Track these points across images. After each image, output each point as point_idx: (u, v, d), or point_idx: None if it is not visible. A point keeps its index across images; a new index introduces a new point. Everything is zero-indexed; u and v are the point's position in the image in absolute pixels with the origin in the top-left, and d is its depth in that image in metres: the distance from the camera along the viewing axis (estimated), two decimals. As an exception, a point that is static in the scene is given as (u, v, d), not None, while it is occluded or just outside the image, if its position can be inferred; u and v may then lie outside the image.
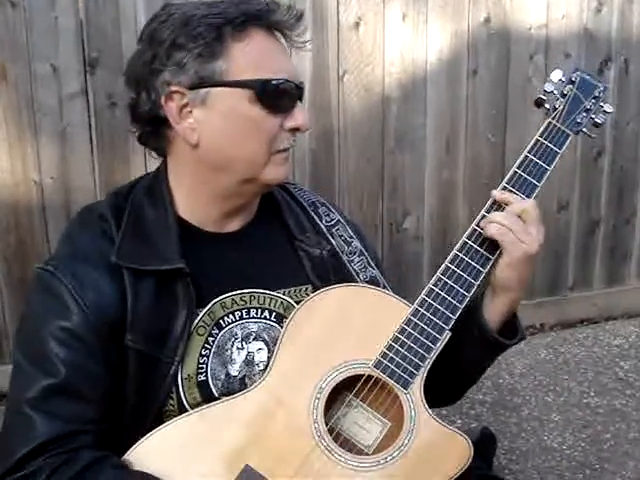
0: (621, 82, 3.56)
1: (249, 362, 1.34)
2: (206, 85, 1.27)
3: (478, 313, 1.39)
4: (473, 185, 3.42)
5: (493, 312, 1.39)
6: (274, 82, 1.27)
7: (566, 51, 3.43)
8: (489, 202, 1.38)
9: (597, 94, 1.47)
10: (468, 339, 1.38)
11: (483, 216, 1.36)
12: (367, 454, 1.29)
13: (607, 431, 2.76)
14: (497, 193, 1.37)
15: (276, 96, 1.28)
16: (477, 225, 1.36)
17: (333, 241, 1.45)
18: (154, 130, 1.34)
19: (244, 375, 1.34)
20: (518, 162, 1.39)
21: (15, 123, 2.77)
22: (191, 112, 1.28)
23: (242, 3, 1.28)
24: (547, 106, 1.45)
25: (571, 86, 1.46)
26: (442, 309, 1.32)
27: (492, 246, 1.35)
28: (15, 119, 2.77)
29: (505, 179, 1.39)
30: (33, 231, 2.87)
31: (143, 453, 1.23)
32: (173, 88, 1.27)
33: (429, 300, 1.33)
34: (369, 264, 1.47)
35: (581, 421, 2.82)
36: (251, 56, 1.27)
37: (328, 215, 1.49)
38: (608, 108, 1.48)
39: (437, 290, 1.33)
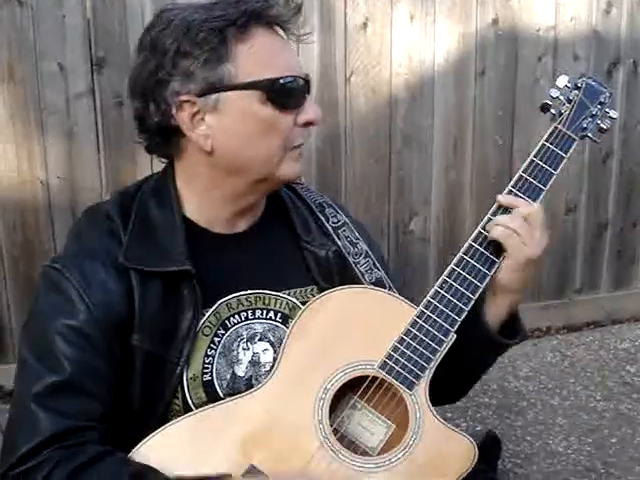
0: (630, 84, 3.55)
1: (255, 363, 1.34)
2: (215, 90, 1.25)
3: (479, 313, 1.39)
4: (480, 187, 3.41)
5: (494, 313, 1.40)
6: (282, 81, 1.26)
7: (575, 53, 3.42)
8: (495, 206, 1.38)
9: (603, 100, 1.47)
10: (469, 339, 1.37)
11: (489, 219, 1.37)
12: (371, 456, 1.29)
13: (613, 435, 2.74)
14: (502, 197, 1.38)
15: (286, 94, 1.27)
16: (483, 228, 1.36)
17: (339, 242, 1.45)
18: (164, 140, 1.32)
19: (250, 376, 1.33)
20: (524, 166, 1.40)
21: (22, 122, 2.78)
22: (203, 119, 1.27)
23: (240, 2, 1.26)
24: (553, 111, 1.46)
25: (577, 92, 1.46)
26: (447, 311, 1.32)
27: (498, 249, 1.35)
28: (22, 118, 2.77)
29: (511, 183, 1.39)
30: (39, 230, 2.88)
31: (147, 452, 1.22)
32: (183, 98, 1.26)
33: (434, 302, 1.32)
34: (375, 266, 1.46)
35: (587, 425, 2.81)
36: (257, 56, 1.26)
37: (335, 216, 1.49)
38: (613, 114, 1.49)
39: (442, 292, 1.33)
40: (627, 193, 3.69)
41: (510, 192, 1.38)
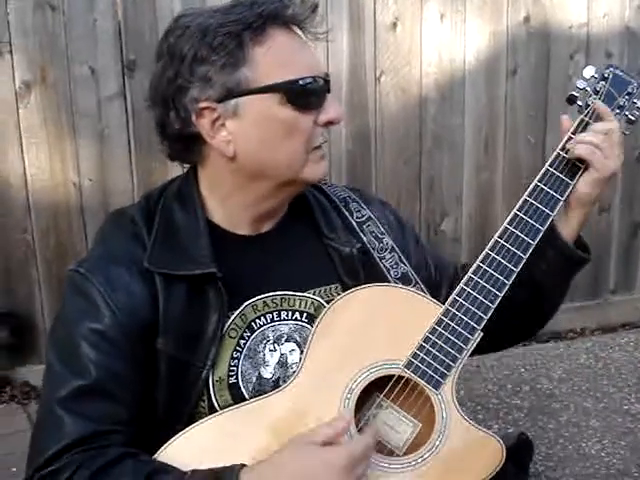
0: (664, 81, 3.48)
1: (283, 364, 1.34)
2: (235, 95, 1.25)
3: (554, 235, 1.41)
4: (512, 186, 3.38)
5: (568, 230, 1.43)
6: (301, 82, 1.26)
7: (607, 50, 3.37)
8: (574, 125, 1.40)
9: (631, 90, 1.45)
10: (547, 263, 1.42)
11: (569, 138, 1.39)
12: (398, 455, 1.28)
13: (648, 438, 2.69)
14: (597, 103, 1.41)
15: (305, 95, 1.26)
16: (562, 149, 1.39)
17: (364, 238, 1.44)
18: (186, 147, 1.32)
19: (278, 377, 1.33)
20: (550, 160, 1.39)
21: (54, 125, 2.81)
22: (224, 125, 1.27)
23: (255, 4, 1.25)
24: (579, 103, 1.44)
25: (604, 82, 1.44)
26: (474, 309, 1.31)
27: (573, 172, 1.38)
28: (54, 121, 2.81)
29: (537, 177, 1.39)
30: (72, 232, 2.91)
31: (172, 453, 1.23)
32: (203, 104, 1.25)
33: (460, 300, 1.31)
34: (400, 260, 1.45)
35: (621, 428, 2.76)
36: (274, 58, 1.25)
37: (359, 211, 1.48)
38: None
39: (468, 290, 1.32)
40: (662, 192, 3.64)
41: (536, 187, 1.38)
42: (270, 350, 1.34)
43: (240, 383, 1.31)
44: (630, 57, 3.40)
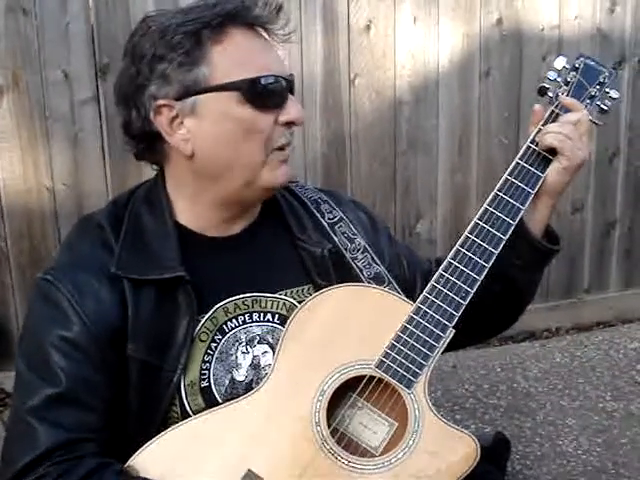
0: (635, 83, 3.52)
1: (255, 366, 1.33)
2: (192, 93, 1.25)
3: (523, 230, 1.41)
4: (486, 188, 3.36)
5: (536, 221, 1.43)
6: (262, 80, 1.26)
7: (579, 52, 3.39)
8: (545, 116, 1.40)
9: (602, 80, 1.45)
10: (518, 256, 1.42)
11: (539, 130, 1.38)
12: (374, 455, 1.28)
13: (623, 436, 2.71)
14: (565, 98, 1.41)
15: (265, 94, 1.26)
16: (532, 142, 1.38)
17: (335, 239, 1.44)
18: (149, 146, 1.33)
19: (251, 379, 1.33)
20: (519, 155, 1.38)
21: (27, 130, 2.79)
22: (182, 123, 1.27)
23: (217, 5, 1.26)
24: (550, 94, 1.43)
25: (574, 73, 1.44)
26: (445, 306, 1.30)
27: (544, 164, 1.38)
28: (27, 126, 2.78)
29: (507, 171, 1.38)
30: (46, 237, 2.89)
31: (146, 460, 1.22)
32: (160, 102, 1.26)
33: (431, 297, 1.31)
34: (373, 260, 1.45)
35: (597, 425, 2.78)
36: (233, 57, 1.26)
37: (331, 212, 1.48)
38: (614, 94, 1.45)
39: (439, 287, 1.31)
40: (635, 191, 3.66)
41: (506, 181, 1.37)
42: (242, 352, 1.33)
43: (212, 387, 1.30)
44: (601, 59, 3.37)
